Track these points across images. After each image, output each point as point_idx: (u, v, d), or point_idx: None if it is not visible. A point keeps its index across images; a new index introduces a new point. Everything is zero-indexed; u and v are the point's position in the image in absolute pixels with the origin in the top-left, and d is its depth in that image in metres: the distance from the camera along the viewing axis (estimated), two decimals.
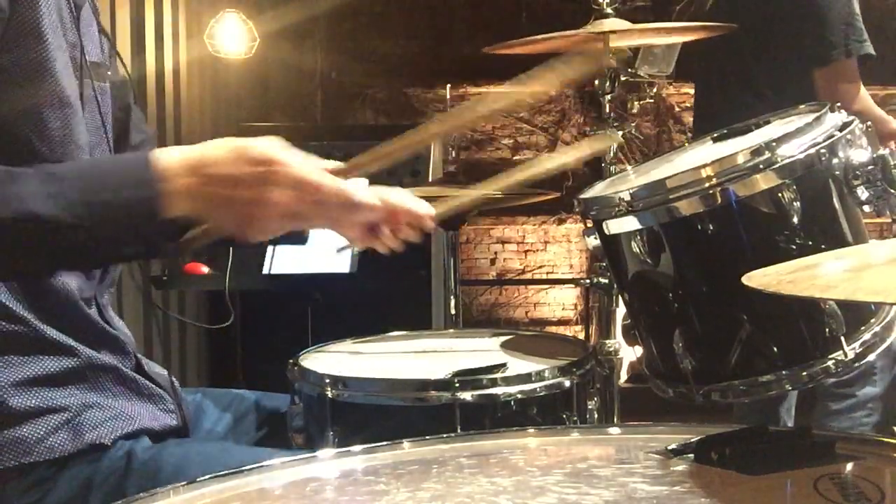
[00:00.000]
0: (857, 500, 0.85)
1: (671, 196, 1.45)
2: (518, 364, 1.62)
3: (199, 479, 0.95)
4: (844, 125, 1.48)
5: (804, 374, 1.46)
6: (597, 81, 2.07)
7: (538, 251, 7.21)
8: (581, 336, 6.71)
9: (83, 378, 1.29)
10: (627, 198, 1.48)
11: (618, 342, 2.02)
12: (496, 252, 7.21)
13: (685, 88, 6.49)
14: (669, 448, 0.98)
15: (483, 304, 7.10)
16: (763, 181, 1.42)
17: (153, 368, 1.44)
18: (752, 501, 0.89)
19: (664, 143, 6.74)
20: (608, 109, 2.06)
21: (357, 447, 1.04)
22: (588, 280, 2.03)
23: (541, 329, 6.59)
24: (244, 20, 4.48)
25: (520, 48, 2.18)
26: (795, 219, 1.42)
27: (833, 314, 1.42)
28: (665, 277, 1.51)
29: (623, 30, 2.05)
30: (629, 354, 1.76)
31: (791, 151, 1.42)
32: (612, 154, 2.05)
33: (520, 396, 1.50)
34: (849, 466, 0.96)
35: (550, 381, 1.53)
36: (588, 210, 1.59)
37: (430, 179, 3.40)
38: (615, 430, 1.10)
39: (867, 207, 1.46)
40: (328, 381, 1.54)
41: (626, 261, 1.57)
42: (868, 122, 1.53)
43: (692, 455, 0.97)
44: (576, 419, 1.56)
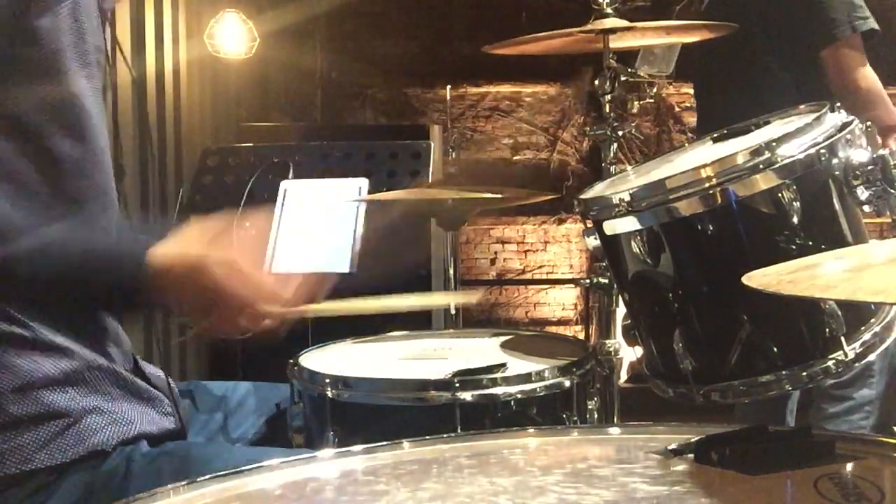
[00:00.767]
0: (857, 500, 0.85)
1: (671, 196, 1.45)
2: (518, 364, 1.62)
3: (199, 479, 0.95)
4: (844, 125, 1.48)
5: (804, 375, 1.46)
6: (597, 81, 2.07)
7: (538, 251, 7.21)
8: (581, 336, 6.71)
9: (82, 381, 1.29)
10: (627, 198, 1.48)
11: (618, 342, 2.02)
12: (496, 252, 7.21)
13: (685, 88, 6.50)
14: (669, 448, 0.98)
15: (483, 304, 7.10)
16: (763, 181, 1.42)
17: (150, 370, 1.44)
18: (752, 501, 0.89)
19: (664, 143, 6.74)
20: (608, 109, 2.06)
21: (357, 447, 1.04)
22: (588, 280, 2.03)
23: (541, 329, 6.59)
24: (244, 20, 4.48)
25: (520, 48, 2.17)
26: (795, 219, 1.42)
27: (833, 314, 1.42)
28: (665, 277, 1.51)
29: (623, 29, 2.05)
30: (629, 354, 1.76)
31: (791, 151, 1.42)
32: (612, 154, 2.05)
33: (520, 396, 1.50)
34: (849, 466, 0.96)
35: (550, 381, 1.54)
36: (588, 210, 1.59)
37: (430, 179, 3.39)
38: (615, 430, 1.10)
39: (867, 207, 1.46)
40: (328, 381, 1.54)
41: (626, 261, 1.57)
42: (868, 123, 1.52)
43: (692, 455, 0.97)
44: (576, 419, 1.56)
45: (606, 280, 1.98)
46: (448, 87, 3.67)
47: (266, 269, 1.29)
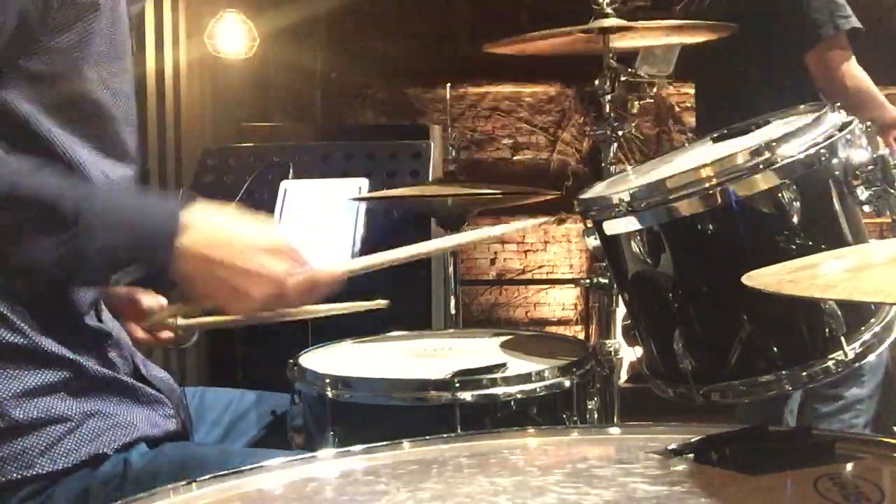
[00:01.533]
0: (857, 500, 0.85)
1: (671, 196, 1.45)
2: (518, 364, 1.62)
3: (199, 480, 0.95)
4: (844, 125, 1.48)
5: (804, 374, 1.46)
6: (597, 81, 2.07)
7: (538, 251, 7.20)
8: (581, 336, 6.70)
9: (83, 386, 1.29)
10: (627, 198, 1.48)
11: (618, 342, 2.02)
12: (496, 252, 7.20)
13: (685, 88, 6.49)
14: (669, 448, 0.98)
15: (483, 304, 7.10)
16: (763, 181, 1.42)
17: (153, 371, 1.43)
18: (752, 501, 0.89)
19: (664, 143, 6.73)
20: (608, 109, 2.06)
21: (357, 447, 1.04)
22: (588, 280, 2.03)
23: (541, 329, 6.59)
24: (244, 20, 4.49)
25: (520, 47, 2.18)
26: (795, 219, 1.42)
27: (833, 314, 1.42)
28: (665, 277, 1.51)
29: (623, 29, 2.05)
30: (629, 354, 1.76)
31: (791, 151, 1.42)
32: (612, 154, 2.05)
33: (520, 396, 1.50)
34: (849, 466, 0.96)
35: (550, 381, 1.53)
36: (588, 210, 1.59)
37: (430, 179, 3.39)
38: (615, 430, 1.10)
39: (867, 207, 1.46)
40: (328, 381, 1.54)
41: (626, 261, 1.57)
42: (868, 123, 1.52)
43: (692, 455, 0.97)
44: (576, 419, 1.56)
45: (606, 280, 1.98)
46: (448, 87, 3.67)
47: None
